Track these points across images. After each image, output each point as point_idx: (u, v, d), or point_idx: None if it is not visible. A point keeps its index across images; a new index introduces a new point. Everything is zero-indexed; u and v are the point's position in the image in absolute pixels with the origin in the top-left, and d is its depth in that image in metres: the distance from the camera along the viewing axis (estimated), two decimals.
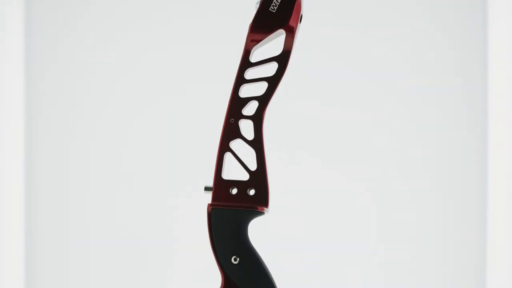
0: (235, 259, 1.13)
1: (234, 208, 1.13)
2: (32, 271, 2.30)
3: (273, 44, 1.14)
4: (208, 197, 1.16)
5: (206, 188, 1.15)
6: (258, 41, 1.13)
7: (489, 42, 2.22)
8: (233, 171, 1.15)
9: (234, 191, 1.14)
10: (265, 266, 1.14)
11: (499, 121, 2.22)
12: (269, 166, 1.15)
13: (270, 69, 1.14)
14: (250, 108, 1.15)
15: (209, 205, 1.14)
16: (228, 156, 1.15)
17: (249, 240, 1.15)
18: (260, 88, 1.14)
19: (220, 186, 1.15)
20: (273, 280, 1.14)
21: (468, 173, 2.28)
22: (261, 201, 1.13)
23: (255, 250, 1.14)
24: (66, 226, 2.32)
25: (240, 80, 1.14)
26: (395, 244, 2.29)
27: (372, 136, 2.26)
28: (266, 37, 1.13)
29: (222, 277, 1.14)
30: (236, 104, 1.14)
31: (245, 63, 1.14)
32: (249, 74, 1.15)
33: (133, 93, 2.31)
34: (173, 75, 2.30)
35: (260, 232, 1.33)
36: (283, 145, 2.27)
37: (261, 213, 1.15)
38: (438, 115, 2.28)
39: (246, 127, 1.15)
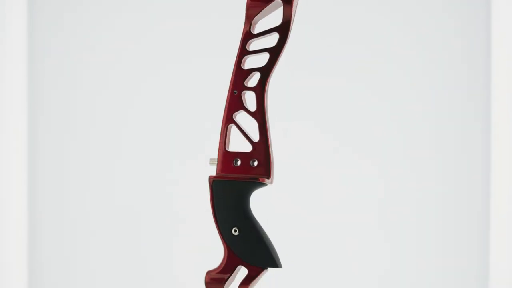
0: (235, 231, 1.14)
1: (235, 180, 1.14)
2: (35, 259, 2.31)
3: (275, 15, 1.14)
4: (210, 170, 1.17)
5: (211, 161, 1.16)
6: (257, 10, 1.13)
7: (493, 31, 2.16)
8: (238, 143, 1.15)
9: (238, 162, 1.14)
10: (267, 239, 1.14)
11: (502, 112, 2.17)
12: (273, 137, 1.15)
13: (273, 40, 1.14)
14: (254, 80, 1.15)
15: (211, 177, 1.15)
16: (232, 128, 1.16)
17: (251, 212, 1.14)
18: (263, 60, 1.14)
19: (224, 158, 1.15)
20: (275, 253, 1.13)
21: (472, 164, 2.23)
22: (263, 172, 1.13)
23: (257, 223, 1.14)
24: (67, 214, 2.30)
25: (243, 51, 1.15)
26: (398, 219, 2.24)
27: (376, 116, 2.22)
28: (265, 6, 1.13)
29: (224, 249, 1.15)
30: (239, 75, 1.14)
31: (247, 35, 1.14)
32: (252, 45, 1.15)
33: (133, 66, 2.30)
34: (176, 49, 2.28)
35: (263, 205, 1.32)
36: (287, 117, 2.23)
37: (263, 184, 1.14)
38: (440, 107, 2.24)
39: (250, 99, 1.15)
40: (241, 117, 1.16)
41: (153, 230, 2.28)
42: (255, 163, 1.13)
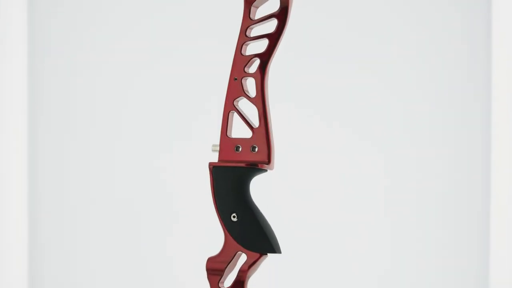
0: (234, 217, 1.14)
1: (234, 166, 1.14)
2: (34, 254, 2.29)
3: (275, 1, 1.14)
4: (212, 157, 1.17)
5: (214, 147, 1.17)
6: None
7: (493, 30, 2.11)
8: (241, 130, 1.16)
9: (240, 149, 1.15)
10: (266, 225, 1.13)
11: (502, 112, 2.12)
12: (274, 124, 1.15)
13: (272, 26, 1.14)
14: (254, 66, 1.15)
15: (211, 163, 1.15)
16: (234, 114, 1.16)
17: (251, 199, 1.14)
18: (263, 46, 1.14)
19: (226, 145, 1.16)
20: (273, 239, 1.13)
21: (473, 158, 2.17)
22: (263, 158, 1.13)
23: (256, 209, 1.14)
24: (67, 210, 2.27)
25: (243, 37, 1.15)
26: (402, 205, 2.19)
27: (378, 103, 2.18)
28: None
29: (224, 235, 1.15)
30: (239, 62, 1.15)
31: (247, 21, 1.15)
32: (251, 32, 1.15)
33: (132, 63, 2.25)
34: (175, 36, 2.24)
35: (263, 190, 1.31)
36: (289, 103, 2.20)
37: (263, 170, 1.14)
38: (440, 107, 2.17)
39: (251, 85, 1.15)
40: (242, 103, 1.16)
41: (154, 227, 2.23)
42: (256, 149, 1.13)
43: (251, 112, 1.15)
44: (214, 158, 1.16)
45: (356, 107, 2.18)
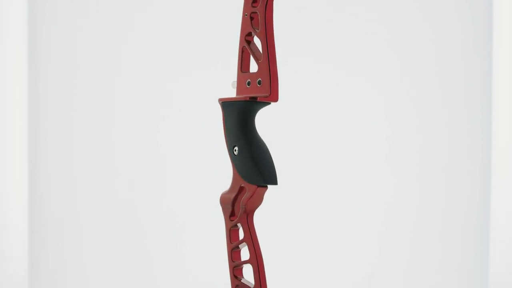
0: (235, 150, 1.15)
1: (236, 100, 1.15)
2: (35, 254, 2.21)
3: None
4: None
5: (233, 84, 1.19)
6: None
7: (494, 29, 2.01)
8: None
9: (250, 83, 1.16)
10: (263, 158, 1.13)
11: (503, 112, 2.06)
12: (278, 58, 1.14)
13: None
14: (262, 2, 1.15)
15: (219, 99, 1.17)
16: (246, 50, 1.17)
17: (252, 132, 1.14)
18: None
19: (240, 80, 1.17)
20: (266, 172, 1.12)
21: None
22: (265, 91, 1.13)
23: (256, 142, 1.14)
24: (68, 206, 2.18)
25: None
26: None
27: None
28: None
29: (232, 168, 1.17)
30: None
31: None
32: None
33: (132, 60, 2.15)
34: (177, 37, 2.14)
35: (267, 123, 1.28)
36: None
37: (265, 103, 1.14)
38: (440, 107, 2.09)
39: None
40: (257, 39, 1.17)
41: (154, 227, 2.17)
42: (261, 83, 1.14)
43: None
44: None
45: (355, 106, 2.10)
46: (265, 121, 1.26)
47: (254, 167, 1.12)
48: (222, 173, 1.36)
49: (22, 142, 2.19)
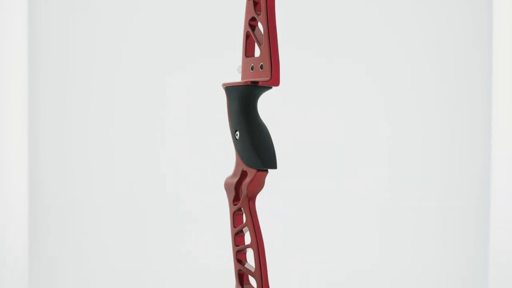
0: (236, 135, 1.15)
1: (238, 85, 1.15)
2: (35, 254, 2.17)
3: None
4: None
5: (238, 69, 1.19)
6: None
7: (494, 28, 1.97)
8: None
9: (253, 68, 1.16)
10: (262, 142, 1.13)
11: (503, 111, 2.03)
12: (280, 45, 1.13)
13: None
14: None
15: (223, 84, 1.18)
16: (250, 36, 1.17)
17: (253, 117, 1.14)
18: None
19: (245, 65, 1.18)
20: (264, 156, 1.12)
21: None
22: (266, 75, 1.13)
23: (256, 127, 1.13)
24: (69, 203, 2.14)
25: None
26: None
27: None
28: None
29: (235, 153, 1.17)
30: None
31: None
32: None
33: (132, 60, 2.11)
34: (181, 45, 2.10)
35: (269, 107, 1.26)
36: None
37: (265, 88, 1.14)
38: (440, 106, 2.07)
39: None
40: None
41: (155, 226, 2.13)
42: (262, 67, 1.14)
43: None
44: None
45: (354, 105, 2.08)
46: (269, 112, 1.26)
47: (253, 151, 1.12)
48: (227, 158, 1.36)
49: (22, 141, 2.18)
